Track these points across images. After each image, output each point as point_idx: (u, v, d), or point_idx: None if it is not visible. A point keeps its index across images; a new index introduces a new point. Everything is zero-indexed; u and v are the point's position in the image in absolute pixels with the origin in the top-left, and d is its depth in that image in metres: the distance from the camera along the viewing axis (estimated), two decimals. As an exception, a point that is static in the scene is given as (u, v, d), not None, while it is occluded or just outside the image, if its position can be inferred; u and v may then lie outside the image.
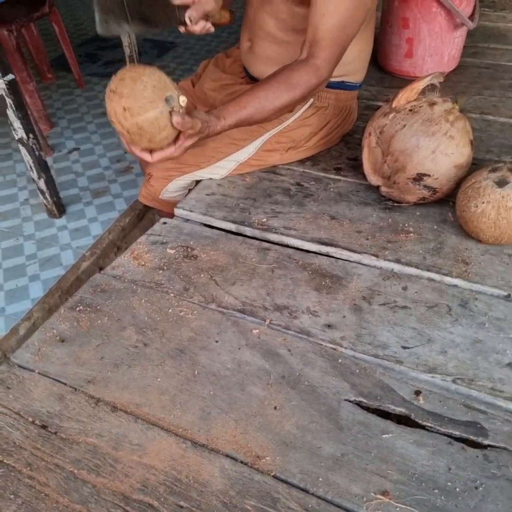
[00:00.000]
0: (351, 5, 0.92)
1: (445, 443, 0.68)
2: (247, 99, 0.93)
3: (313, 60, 0.95)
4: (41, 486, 0.64)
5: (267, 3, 1.08)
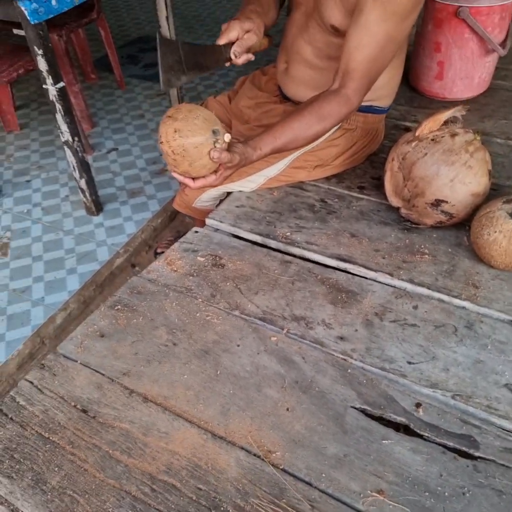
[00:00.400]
0: (383, 40, 0.98)
1: (439, 452, 0.75)
2: (282, 130, 1.01)
3: (344, 90, 1.02)
4: (81, 462, 0.74)
5: (305, 31, 1.16)
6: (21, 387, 0.84)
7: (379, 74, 1.06)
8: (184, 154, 0.89)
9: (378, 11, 0.96)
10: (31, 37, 1.41)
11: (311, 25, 1.15)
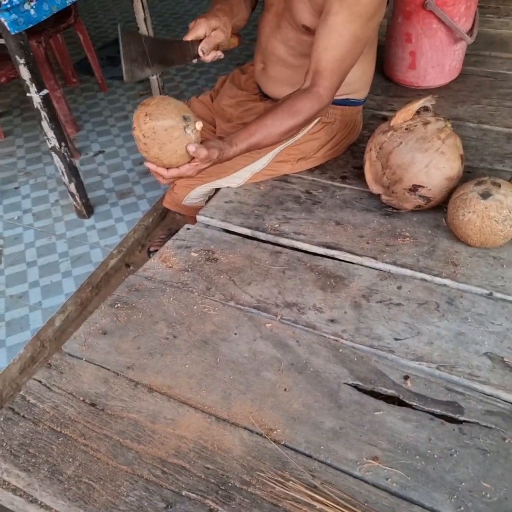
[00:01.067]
0: (350, 40, 1.03)
1: (427, 419, 0.81)
2: (256, 127, 1.06)
3: (316, 89, 1.07)
4: (93, 451, 0.79)
5: (277, 31, 1.20)
6: (30, 387, 0.88)
7: (348, 71, 1.10)
8: (154, 137, 0.91)
9: (345, 13, 1.00)
10: (12, 47, 1.44)
11: (283, 25, 1.19)
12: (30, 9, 1.42)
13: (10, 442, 0.80)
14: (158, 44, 1.05)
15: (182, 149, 0.94)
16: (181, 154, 0.95)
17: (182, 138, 0.93)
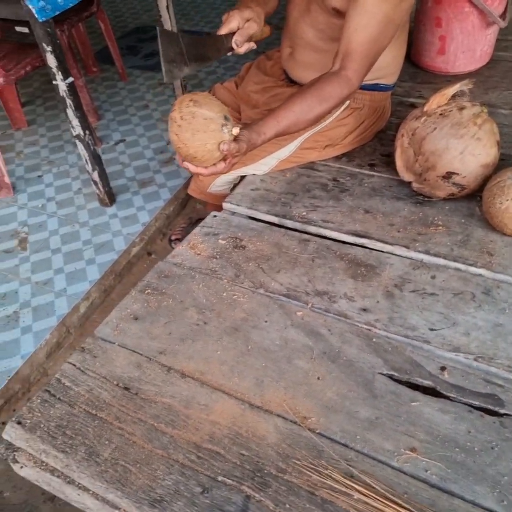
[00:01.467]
0: (382, 21, 1.00)
1: (466, 411, 0.80)
2: (284, 114, 1.03)
3: (344, 72, 1.04)
4: (129, 435, 0.79)
5: (306, 15, 1.18)
6: (65, 370, 0.89)
7: (379, 54, 1.07)
8: (191, 121, 0.91)
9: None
10: (39, 35, 1.43)
11: (313, 8, 1.16)
12: (57, -5, 1.42)
13: (48, 423, 0.80)
14: (194, 42, 1.04)
15: (212, 144, 0.93)
16: (209, 149, 0.94)
17: (216, 133, 0.93)
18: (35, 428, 0.80)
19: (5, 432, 0.81)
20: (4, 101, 2.31)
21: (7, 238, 1.87)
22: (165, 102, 2.50)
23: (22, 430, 0.80)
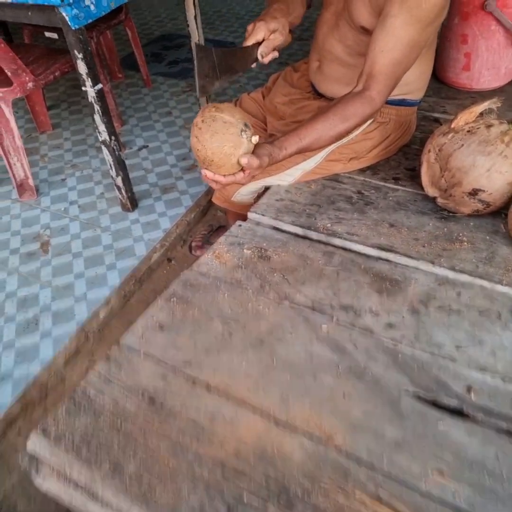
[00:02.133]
0: (408, 44, 1.01)
1: (494, 433, 0.79)
2: (306, 131, 1.04)
3: (368, 92, 1.05)
4: (154, 449, 0.79)
5: (335, 30, 1.19)
6: (90, 379, 0.89)
7: (402, 76, 1.08)
8: (210, 123, 0.93)
9: (404, 16, 0.98)
10: (71, 42, 1.46)
11: (342, 24, 1.17)
12: (90, 4, 1.44)
13: (72, 434, 0.81)
14: (225, 55, 1.05)
15: (230, 147, 0.94)
16: (226, 152, 0.94)
17: (235, 136, 0.93)
18: (60, 439, 0.81)
19: (30, 441, 0.82)
20: (31, 105, 2.35)
21: (30, 241, 1.90)
22: (188, 110, 2.53)
23: (46, 441, 0.80)
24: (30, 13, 1.50)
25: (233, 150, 0.94)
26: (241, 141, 0.94)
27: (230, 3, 3.80)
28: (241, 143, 0.94)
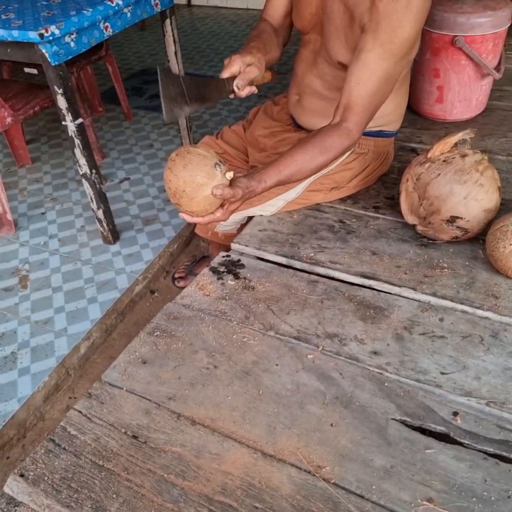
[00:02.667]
0: (382, 77, 1.05)
1: (481, 458, 0.79)
2: (285, 163, 1.05)
3: (345, 124, 1.08)
4: (137, 487, 0.76)
5: (314, 67, 1.23)
6: (70, 417, 0.86)
7: (379, 107, 1.11)
8: (185, 155, 0.93)
9: (378, 51, 1.02)
10: (51, 78, 1.48)
11: (320, 61, 1.22)
12: (70, 41, 1.47)
13: (52, 475, 0.78)
14: (195, 83, 1.07)
15: (202, 177, 0.92)
16: (199, 182, 0.92)
17: (208, 168, 0.93)
18: (38, 480, 0.77)
19: (7, 485, 0.78)
20: (10, 139, 2.35)
21: (8, 276, 1.87)
22: (170, 142, 2.56)
23: (25, 483, 0.77)
24: (9, 49, 1.52)
25: (206, 180, 0.92)
26: (215, 173, 0.93)
27: (209, 39, 3.91)
28: (215, 175, 0.93)
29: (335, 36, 1.13)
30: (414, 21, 0.99)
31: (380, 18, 0.99)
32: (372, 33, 1.01)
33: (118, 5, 1.64)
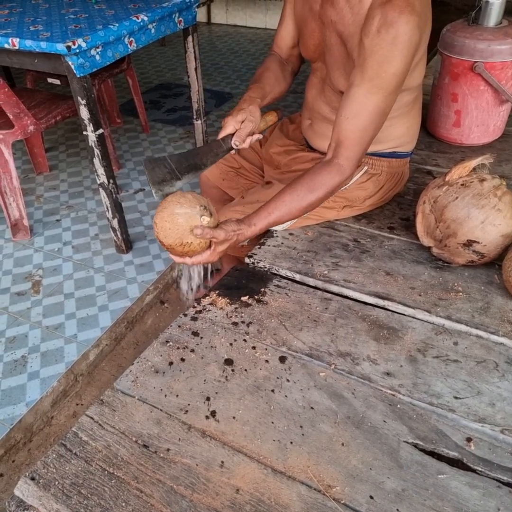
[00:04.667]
0: (373, 111, 1.05)
1: (494, 486, 0.77)
2: (275, 205, 1.07)
3: (337, 160, 1.08)
4: (147, 497, 0.76)
5: (322, 94, 1.27)
6: (82, 423, 0.87)
7: (371, 141, 1.11)
8: (168, 199, 0.98)
9: (366, 85, 1.03)
10: (76, 89, 1.51)
11: (327, 89, 1.25)
12: (96, 54, 1.50)
13: (62, 480, 0.78)
14: (184, 157, 1.09)
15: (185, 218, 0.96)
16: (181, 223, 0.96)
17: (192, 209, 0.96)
18: (49, 485, 0.78)
19: (17, 488, 0.78)
20: (30, 147, 2.39)
21: (21, 281, 1.88)
22: (185, 155, 2.58)
23: (35, 487, 0.77)
24: (36, 60, 1.56)
25: (187, 221, 0.96)
26: (197, 215, 0.97)
27: (227, 57, 3.98)
28: (197, 215, 0.96)
29: (335, 67, 1.16)
30: (400, 56, 0.99)
31: (366, 54, 1.01)
32: (360, 67, 1.03)
33: (144, 21, 1.68)
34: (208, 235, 0.97)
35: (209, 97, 3.24)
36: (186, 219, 0.96)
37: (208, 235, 0.97)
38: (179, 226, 0.96)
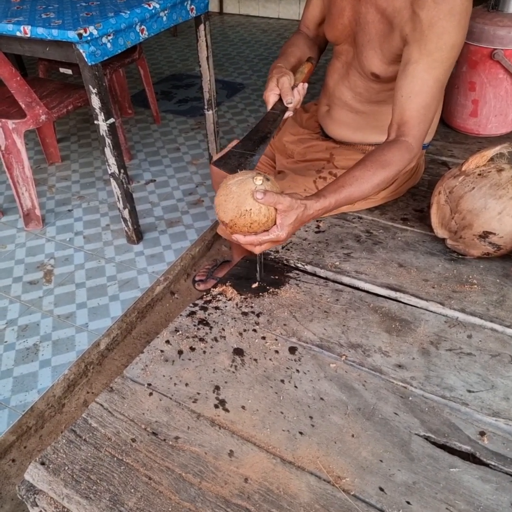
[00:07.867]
0: (435, 86, 1.02)
1: (508, 481, 0.76)
2: (344, 179, 1.00)
3: (403, 138, 1.04)
4: (155, 484, 0.76)
5: (345, 78, 1.23)
6: (92, 409, 0.87)
7: (433, 117, 1.08)
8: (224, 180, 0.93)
9: (426, 60, 1.00)
10: (87, 77, 1.50)
11: (352, 73, 1.21)
12: (107, 42, 1.49)
13: (72, 466, 0.78)
14: (247, 139, 1.05)
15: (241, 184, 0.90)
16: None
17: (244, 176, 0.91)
18: (59, 470, 0.78)
19: (27, 472, 0.79)
20: (42, 137, 2.40)
21: (33, 270, 1.89)
22: (196, 146, 2.58)
23: (45, 472, 0.78)
24: (48, 48, 1.55)
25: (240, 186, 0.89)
26: (249, 180, 0.90)
27: (239, 47, 3.95)
28: (248, 181, 0.90)
29: (369, 47, 1.12)
30: (458, 26, 0.97)
31: (424, 27, 0.97)
32: (417, 43, 0.99)
33: (155, 8, 1.66)
34: (270, 198, 0.86)
35: (221, 87, 3.22)
36: (238, 184, 0.89)
37: (270, 199, 0.86)
38: (233, 193, 0.89)
